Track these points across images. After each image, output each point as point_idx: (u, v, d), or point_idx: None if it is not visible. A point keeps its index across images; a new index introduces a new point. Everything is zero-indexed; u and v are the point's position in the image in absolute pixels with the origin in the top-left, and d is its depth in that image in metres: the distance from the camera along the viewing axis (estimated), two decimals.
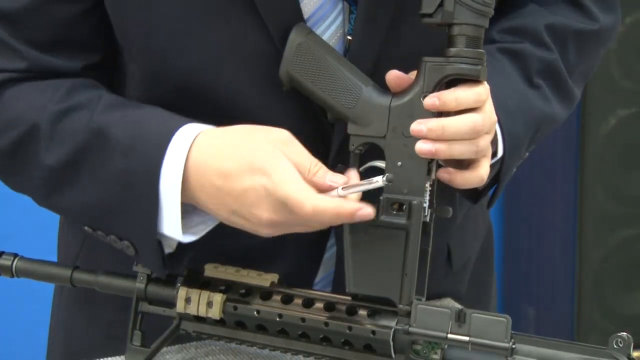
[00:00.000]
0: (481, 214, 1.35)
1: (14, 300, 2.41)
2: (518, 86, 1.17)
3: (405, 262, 1.02)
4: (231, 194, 1.02)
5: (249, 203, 1.01)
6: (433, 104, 1.01)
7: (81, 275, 1.13)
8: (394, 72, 1.05)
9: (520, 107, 1.15)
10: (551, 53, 1.20)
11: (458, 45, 1.02)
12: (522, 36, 1.20)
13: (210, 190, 1.03)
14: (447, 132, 1.01)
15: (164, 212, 1.05)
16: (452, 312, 0.99)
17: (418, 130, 1.01)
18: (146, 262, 1.10)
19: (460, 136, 1.01)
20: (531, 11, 1.23)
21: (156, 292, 1.10)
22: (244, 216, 1.02)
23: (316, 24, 1.09)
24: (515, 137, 1.14)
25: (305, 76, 1.06)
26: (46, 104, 1.09)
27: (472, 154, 1.04)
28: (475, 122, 1.02)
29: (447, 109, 1.01)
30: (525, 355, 0.98)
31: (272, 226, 1.02)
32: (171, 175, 1.04)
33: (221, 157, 1.03)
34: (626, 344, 0.97)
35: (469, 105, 1.02)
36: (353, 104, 1.05)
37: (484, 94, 1.03)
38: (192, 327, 1.09)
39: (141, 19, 1.08)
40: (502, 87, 1.14)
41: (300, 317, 1.04)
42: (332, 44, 1.09)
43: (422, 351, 1.01)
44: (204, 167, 1.03)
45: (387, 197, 1.03)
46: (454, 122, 1.01)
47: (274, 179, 0.99)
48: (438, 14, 1.02)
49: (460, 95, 1.02)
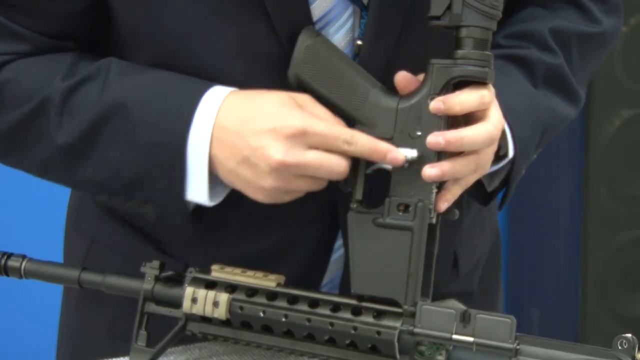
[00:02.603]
0: (488, 220, 1.35)
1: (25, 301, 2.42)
2: (525, 89, 1.17)
3: (410, 263, 1.02)
4: (246, 137, 1.03)
5: (261, 145, 1.01)
6: (438, 108, 1.01)
7: (89, 277, 1.14)
8: (403, 73, 1.05)
9: (528, 109, 1.16)
10: (556, 57, 1.20)
11: (465, 47, 1.02)
12: (528, 41, 1.20)
13: (227, 138, 1.04)
14: (465, 142, 1.02)
15: (190, 180, 1.05)
16: (456, 313, 1.00)
17: (436, 143, 1.01)
18: (170, 221, 1.11)
19: (478, 146, 1.02)
20: (535, 15, 1.23)
21: (163, 292, 1.10)
22: (253, 162, 1.02)
23: (325, 27, 1.09)
24: (524, 139, 1.15)
25: (313, 78, 1.06)
26: (53, 78, 1.09)
27: (471, 171, 1.04)
28: (491, 133, 1.03)
29: (452, 112, 1.02)
30: (530, 356, 0.98)
31: (279, 172, 1.02)
32: (198, 144, 1.05)
33: (243, 107, 1.04)
34: (631, 345, 0.97)
35: (472, 108, 1.02)
36: (360, 105, 1.05)
37: (487, 96, 1.03)
38: (197, 328, 1.09)
39: (150, 18, 1.08)
40: (510, 90, 1.14)
41: (305, 318, 1.04)
42: (341, 47, 1.09)
43: (427, 352, 1.01)
44: (226, 125, 1.04)
45: (393, 198, 1.03)
46: (471, 132, 1.02)
47: (303, 120, 1.01)
48: (446, 17, 1.02)
49: (464, 99, 1.02)
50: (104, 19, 1.13)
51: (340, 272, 1.20)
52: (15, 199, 2.34)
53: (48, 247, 1.42)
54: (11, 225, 2.39)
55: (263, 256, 1.15)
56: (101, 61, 1.11)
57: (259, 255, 1.15)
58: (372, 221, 1.03)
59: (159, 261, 1.11)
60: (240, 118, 1.04)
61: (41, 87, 1.09)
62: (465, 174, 1.04)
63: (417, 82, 1.05)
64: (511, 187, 1.18)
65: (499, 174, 1.17)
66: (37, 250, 1.29)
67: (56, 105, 1.08)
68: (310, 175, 1.03)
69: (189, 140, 1.04)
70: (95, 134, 1.08)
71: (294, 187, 1.04)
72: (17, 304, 2.46)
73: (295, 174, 1.02)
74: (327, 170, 1.02)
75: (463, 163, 1.03)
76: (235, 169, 1.04)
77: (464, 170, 1.04)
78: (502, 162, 1.14)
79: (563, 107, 1.21)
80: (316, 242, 1.16)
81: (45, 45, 1.12)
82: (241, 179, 1.04)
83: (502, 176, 1.17)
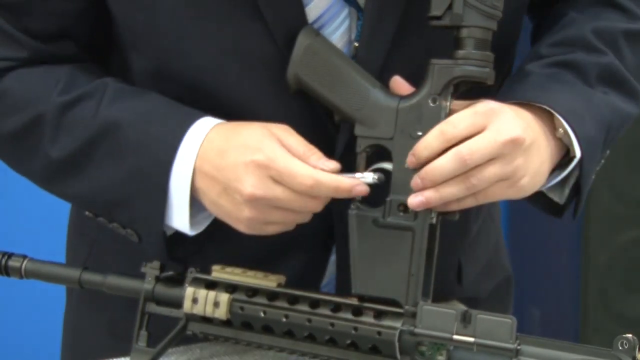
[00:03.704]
0: (493, 227, 1.34)
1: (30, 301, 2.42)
2: (580, 89, 1.13)
3: (411, 264, 1.02)
4: (223, 169, 1.04)
5: (234, 177, 1.03)
6: (411, 162, 1.02)
7: (89, 277, 1.14)
8: (397, 79, 1.05)
9: (587, 109, 1.11)
10: (605, 56, 1.16)
11: (466, 47, 1.02)
12: (572, 46, 1.16)
13: (207, 170, 1.05)
14: (430, 175, 1.00)
15: (173, 207, 1.07)
16: (457, 313, 1.00)
17: (416, 184, 1.01)
18: (150, 250, 1.11)
19: (448, 174, 1.00)
20: (573, 20, 1.19)
21: (163, 292, 1.10)
22: (230, 194, 1.04)
23: (321, 28, 1.08)
24: (589, 139, 1.10)
25: (313, 78, 1.06)
26: (50, 92, 1.10)
27: (463, 193, 1.02)
28: (458, 155, 1.00)
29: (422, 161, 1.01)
30: (530, 356, 0.98)
31: (252, 204, 1.03)
32: (181, 174, 1.06)
33: (223, 141, 1.05)
34: (631, 346, 0.97)
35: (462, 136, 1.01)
36: (361, 105, 1.05)
37: (449, 132, 1.01)
38: (198, 328, 1.09)
39: (144, 17, 1.08)
40: (565, 93, 1.10)
41: (306, 318, 1.05)
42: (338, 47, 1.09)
43: (428, 352, 1.02)
44: (207, 157, 1.06)
45: (394, 198, 1.03)
46: (436, 162, 1.00)
47: (268, 154, 1.02)
48: (447, 17, 1.02)
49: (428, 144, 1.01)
50: (103, 19, 1.13)
51: (334, 275, 1.20)
52: (18, 199, 2.34)
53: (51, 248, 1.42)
54: (13, 226, 2.39)
55: (262, 256, 1.15)
56: (98, 81, 1.12)
57: (259, 255, 1.15)
58: (373, 221, 1.03)
59: (159, 262, 1.11)
60: (219, 150, 1.05)
61: (37, 100, 1.11)
62: (454, 197, 1.02)
63: (410, 90, 1.05)
64: (583, 191, 1.14)
65: (569, 181, 1.13)
66: (40, 250, 1.30)
67: (52, 119, 1.10)
68: (286, 208, 1.04)
69: (173, 170, 1.06)
70: (86, 152, 1.10)
71: (272, 218, 1.05)
72: (22, 303, 2.46)
73: (270, 206, 1.04)
74: (299, 205, 1.04)
75: (451, 187, 1.01)
76: (216, 200, 1.06)
77: (451, 194, 1.01)
78: (569, 166, 1.11)
79: (624, 105, 1.16)
80: (315, 241, 1.16)
81: (42, 52, 1.13)
82: (222, 210, 1.06)
83: (571, 183, 1.13)
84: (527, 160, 1.04)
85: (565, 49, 1.16)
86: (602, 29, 1.17)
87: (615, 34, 1.18)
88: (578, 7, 1.21)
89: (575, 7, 1.21)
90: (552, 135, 1.09)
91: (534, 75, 1.12)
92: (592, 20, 1.18)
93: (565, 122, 1.08)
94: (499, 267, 1.37)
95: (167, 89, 1.11)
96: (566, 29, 1.18)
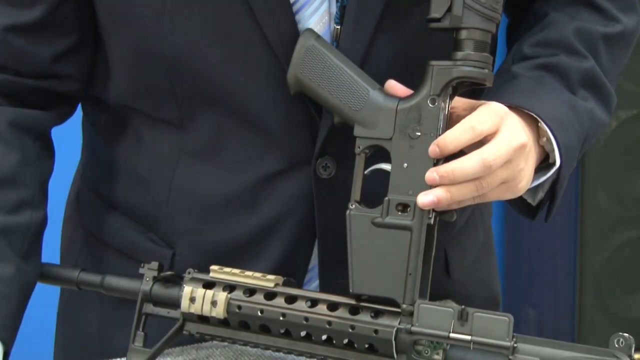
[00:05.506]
0: (481, 224, 1.34)
1: None
2: (565, 96, 1.15)
3: (409, 263, 1.02)
4: None
5: None
6: (434, 152, 1.02)
7: (87, 278, 1.14)
8: (392, 82, 1.06)
9: (570, 117, 1.13)
10: (586, 60, 1.18)
11: (465, 49, 1.02)
12: (554, 47, 1.18)
13: None
14: (457, 175, 1.01)
15: None
16: (454, 312, 1.00)
17: (432, 179, 1.01)
18: None
19: (470, 177, 1.02)
20: (554, 20, 1.20)
21: (161, 293, 1.10)
22: None
23: (300, 10, 1.08)
24: (569, 147, 1.13)
25: (312, 79, 1.06)
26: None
27: (471, 194, 1.03)
28: (484, 160, 1.02)
29: (447, 153, 1.02)
30: (527, 354, 0.99)
31: None
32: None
33: None
34: (627, 344, 0.97)
35: (466, 144, 1.02)
36: (360, 106, 1.05)
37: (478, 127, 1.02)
38: (195, 328, 1.10)
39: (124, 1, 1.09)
40: (552, 100, 1.12)
41: (303, 317, 1.05)
42: (318, 30, 1.09)
43: (424, 351, 1.02)
44: None
45: (392, 197, 1.03)
46: (460, 164, 1.01)
47: None
48: (446, 19, 1.02)
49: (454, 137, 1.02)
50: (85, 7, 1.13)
51: (316, 264, 1.19)
52: None
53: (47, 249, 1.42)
54: None
55: (249, 238, 1.16)
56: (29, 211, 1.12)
57: (245, 237, 1.15)
58: (371, 221, 1.04)
59: (158, 262, 1.11)
60: None
61: None
62: (463, 198, 1.03)
63: (406, 92, 1.05)
64: (557, 196, 1.16)
65: (543, 185, 1.15)
66: None
67: None
68: None
69: None
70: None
71: None
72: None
73: None
74: None
75: (463, 188, 1.02)
76: None
77: (461, 195, 1.02)
78: (549, 172, 1.12)
79: (601, 114, 1.19)
80: (300, 223, 1.15)
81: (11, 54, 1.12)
82: None
83: (546, 187, 1.15)
84: (527, 165, 1.07)
85: (548, 50, 1.18)
86: (582, 31, 1.19)
87: (595, 37, 1.20)
88: (554, 5, 1.22)
89: (552, 6, 1.22)
90: (536, 141, 1.11)
91: (521, 79, 1.14)
92: (572, 20, 1.20)
93: (549, 132, 1.10)
94: (489, 283, 1.37)
95: (148, 73, 1.12)
96: (549, 29, 1.20)
